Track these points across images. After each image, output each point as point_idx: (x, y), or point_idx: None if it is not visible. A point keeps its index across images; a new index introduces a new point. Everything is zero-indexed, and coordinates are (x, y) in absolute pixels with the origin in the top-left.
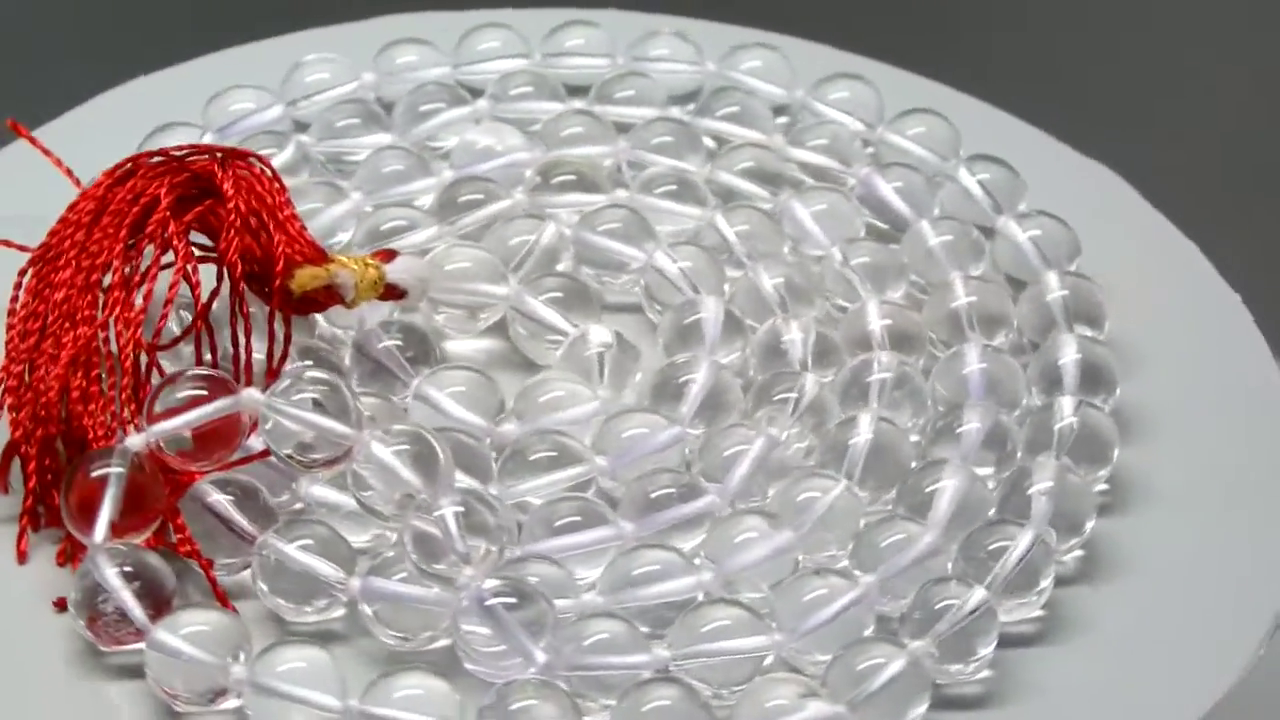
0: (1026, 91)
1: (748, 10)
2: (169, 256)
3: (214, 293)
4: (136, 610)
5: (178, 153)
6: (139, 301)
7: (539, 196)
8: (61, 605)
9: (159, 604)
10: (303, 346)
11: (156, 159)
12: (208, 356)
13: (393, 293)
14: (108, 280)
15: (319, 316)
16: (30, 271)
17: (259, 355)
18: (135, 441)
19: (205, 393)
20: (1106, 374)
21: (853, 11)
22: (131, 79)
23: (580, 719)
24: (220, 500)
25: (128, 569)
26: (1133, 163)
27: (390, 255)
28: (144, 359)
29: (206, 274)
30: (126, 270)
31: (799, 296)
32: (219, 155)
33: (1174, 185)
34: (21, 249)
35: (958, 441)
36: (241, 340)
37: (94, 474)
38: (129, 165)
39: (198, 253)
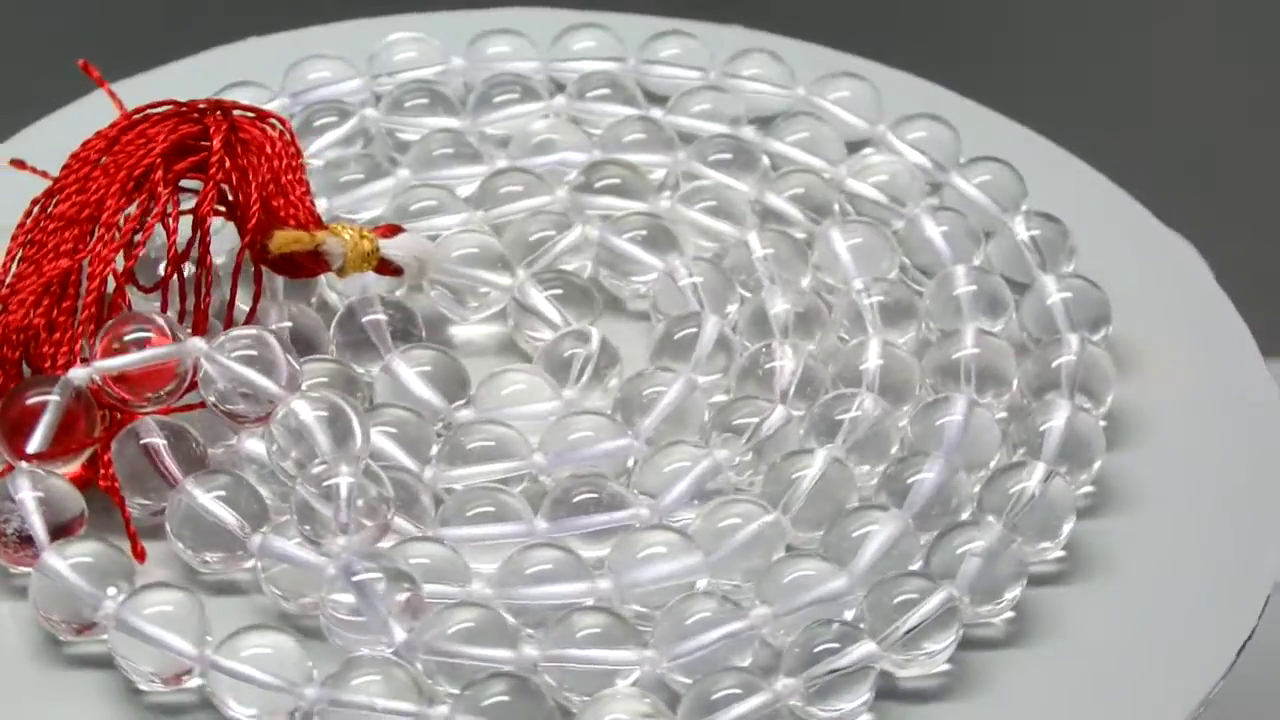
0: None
1: (868, 42)
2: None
3: (190, 241)
4: (40, 532)
5: (200, 106)
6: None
7: (579, 196)
8: None
9: (61, 530)
10: (292, 309)
11: (174, 108)
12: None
13: (388, 268)
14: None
15: (324, 282)
16: (42, 202)
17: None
18: (79, 375)
19: (152, 336)
20: (1088, 449)
21: (962, 43)
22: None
23: (423, 702)
24: (155, 442)
25: (40, 493)
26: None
27: (393, 231)
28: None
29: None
30: (118, 212)
31: (804, 326)
32: (221, 110)
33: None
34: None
35: (906, 491)
36: (203, 290)
37: (31, 400)
38: (146, 111)
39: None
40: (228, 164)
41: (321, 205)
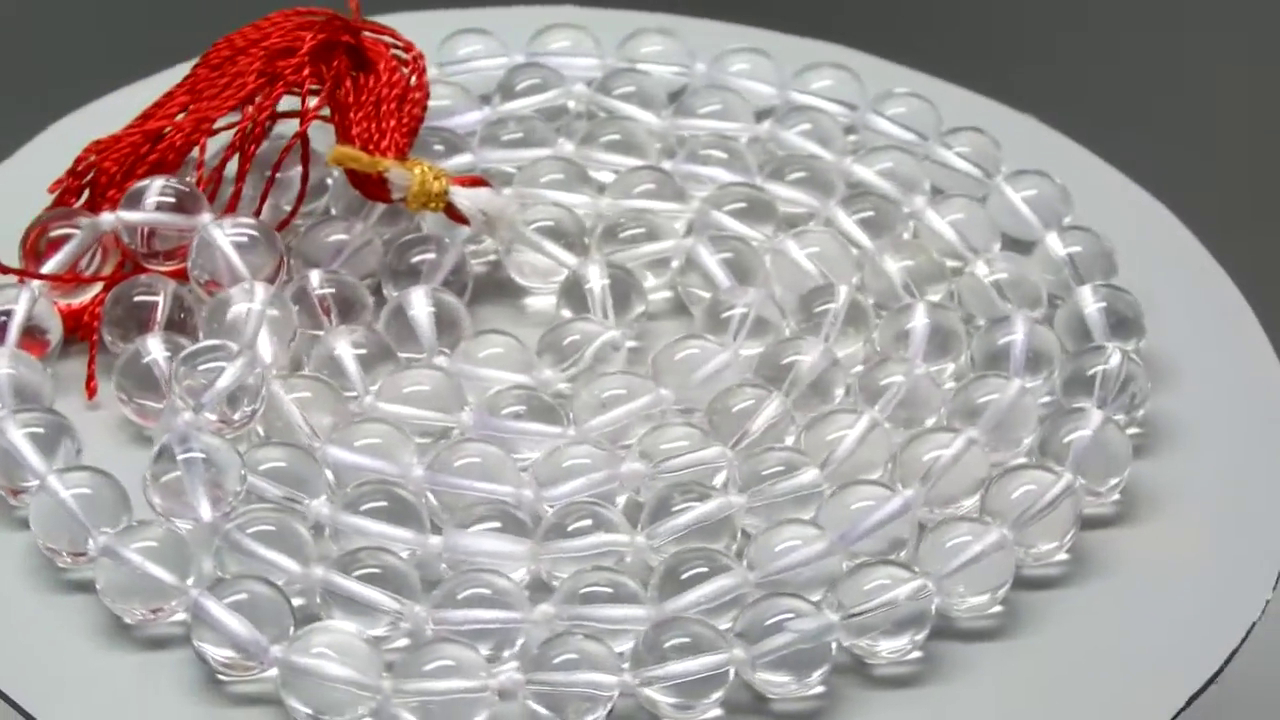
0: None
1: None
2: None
3: (256, 139)
4: (11, 336)
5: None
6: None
7: (707, 210)
8: None
9: (27, 340)
10: (367, 236)
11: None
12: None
13: (456, 215)
14: None
15: (421, 216)
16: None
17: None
18: (107, 219)
19: (175, 201)
20: (999, 575)
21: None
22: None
23: (186, 578)
24: (149, 299)
25: (26, 307)
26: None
27: (476, 183)
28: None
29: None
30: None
31: (817, 388)
32: (342, 25)
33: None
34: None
35: (773, 557)
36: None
37: (57, 230)
38: (301, 12)
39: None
40: (305, 70)
41: (465, 158)
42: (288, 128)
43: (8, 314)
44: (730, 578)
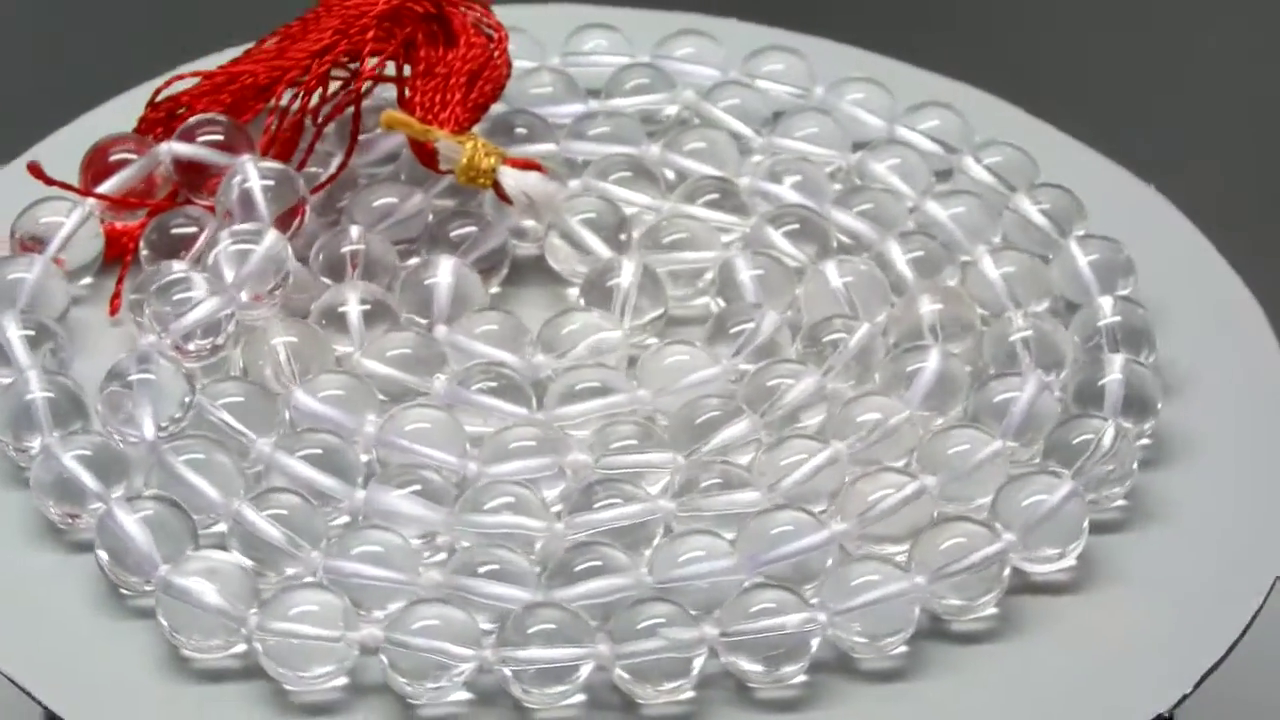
0: None
1: None
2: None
3: (310, 90)
4: (52, 246)
5: None
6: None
7: (762, 227)
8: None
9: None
10: (421, 205)
11: None
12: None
13: (503, 195)
14: None
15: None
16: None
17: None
18: (164, 150)
19: (222, 139)
20: (897, 622)
21: None
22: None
23: (112, 488)
24: (189, 231)
25: (75, 225)
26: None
27: (529, 166)
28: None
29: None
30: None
31: (794, 416)
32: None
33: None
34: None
35: (674, 563)
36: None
37: (118, 154)
38: None
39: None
40: (370, 32)
41: (546, 146)
42: (386, 91)
43: (55, 227)
44: (624, 578)
